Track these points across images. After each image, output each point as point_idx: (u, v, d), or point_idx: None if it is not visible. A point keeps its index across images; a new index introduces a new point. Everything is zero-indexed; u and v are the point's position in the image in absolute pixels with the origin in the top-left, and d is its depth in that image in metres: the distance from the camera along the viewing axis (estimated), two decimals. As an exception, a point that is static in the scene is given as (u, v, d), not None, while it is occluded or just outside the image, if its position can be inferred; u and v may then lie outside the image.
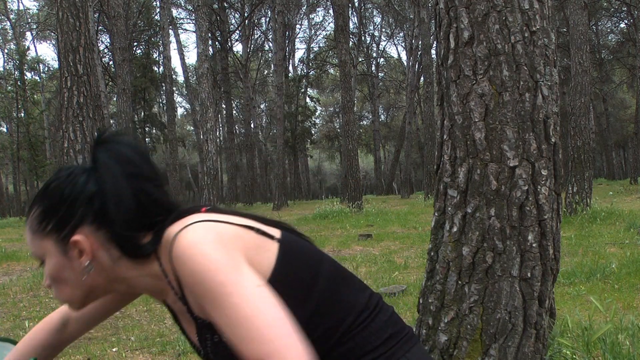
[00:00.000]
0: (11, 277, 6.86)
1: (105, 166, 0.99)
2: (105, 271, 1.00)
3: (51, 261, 1.00)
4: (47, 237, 0.99)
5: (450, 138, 1.34)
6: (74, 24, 6.70)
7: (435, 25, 1.43)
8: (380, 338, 1.01)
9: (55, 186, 1.01)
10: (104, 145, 1.02)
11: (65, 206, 0.98)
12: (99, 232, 0.98)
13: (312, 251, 1.04)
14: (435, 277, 1.36)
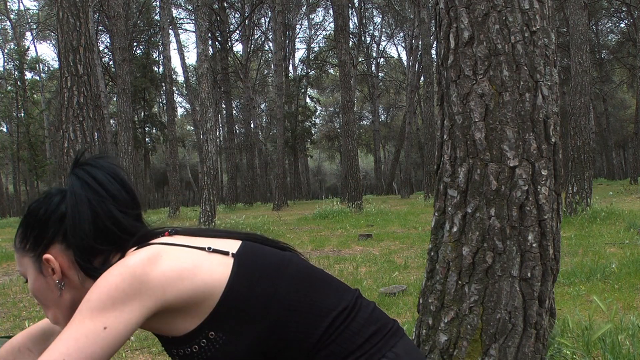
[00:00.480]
0: (11, 277, 6.86)
1: (72, 190, 1.03)
2: (77, 289, 1.03)
3: (31, 279, 1.05)
4: (26, 254, 1.04)
5: (450, 138, 1.34)
6: (74, 24, 6.70)
7: (435, 25, 1.43)
8: (363, 336, 1.01)
9: (34, 207, 1.06)
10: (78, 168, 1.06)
11: (39, 225, 1.03)
12: (68, 251, 1.02)
13: (273, 259, 1.03)
14: (435, 277, 1.36)
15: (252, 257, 1.01)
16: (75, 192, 1.03)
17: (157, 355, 3.47)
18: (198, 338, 0.97)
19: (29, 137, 26.92)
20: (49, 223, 1.03)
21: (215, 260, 0.98)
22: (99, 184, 1.04)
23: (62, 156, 6.91)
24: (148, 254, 0.94)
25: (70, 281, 1.02)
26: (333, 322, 1.00)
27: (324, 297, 1.02)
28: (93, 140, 6.96)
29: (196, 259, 0.97)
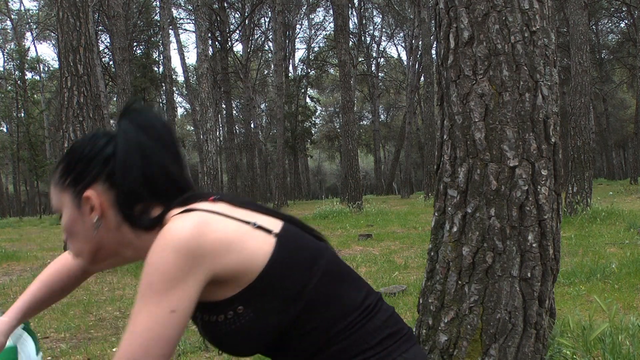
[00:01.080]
0: (11, 277, 6.86)
1: (124, 132, 1.04)
2: (112, 232, 1.04)
3: (66, 214, 1.06)
4: (65, 190, 1.05)
5: (450, 138, 1.34)
6: (74, 24, 6.70)
7: (435, 25, 1.43)
8: (376, 338, 1.01)
9: (78, 145, 1.07)
10: (129, 114, 1.06)
11: (82, 163, 1.04)
12: (110, 192, 1.03)
13: (311, 247, 1.04)
14: (435, 277, 1.36)
15: (293, 241, 1.02)
16: (128, 135, 1.03)
17: (157, 355, 3.47)
18: (226, 309, 0.98)
19: (29, 137, 26.92)
20: (93, 162, 1.03)
21: (260, 237, 0.98)
22: (153, 130, 1.05)
23: (62, 156, 6.91)
24: (195, 222, 0.93)
25: (106, 222, 1.03)
26: (352, 318, 1.01)
27: (350, 293, 1.03)
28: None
29: (242, 233, 0.97)
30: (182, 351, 3.43)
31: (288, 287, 0.97)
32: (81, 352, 3.58)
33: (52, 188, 1.08)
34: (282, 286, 0.97)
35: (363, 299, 1.04)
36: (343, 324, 1.00)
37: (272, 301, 0.97)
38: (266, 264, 0.96)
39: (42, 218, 24.32)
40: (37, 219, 24.09)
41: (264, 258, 0.96)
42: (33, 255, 8.91)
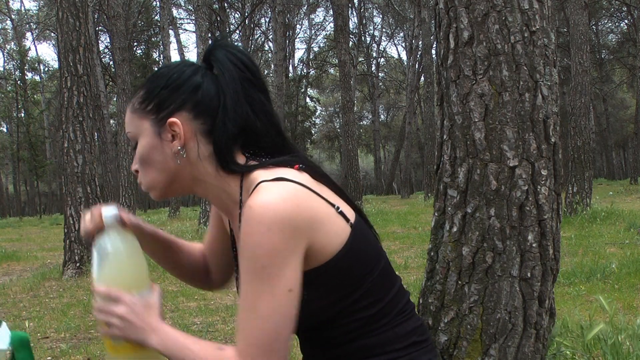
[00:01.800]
0: (11, 277, 6.86)
1: (224, 66, 1.00)
2: (190, 164, 1.01)
3: (144, 141, 1.01)
4: (145, 116, 1.01)
5: (450, 138, 1.34)
6: (74, 24, 6.70)
7: (435, 25, 1.43)
8: (402, 343, 1.02)
9: (164, 71, 1.03)
10: (223, 48, 1.02)
11: (168, 90, 1.00)
12: (195, 122, 0.99)
13: (374, 245, 1.05)
14: (435, 277, 1.36)
15: (363, 235, 1.02)
16: (229, 69, 1.00)
17: (157, 355, 3.46)
18: None
19: (29, 137, 26.91)
20: (181, 89, 0.99)
21: (339, 223, 0.97)
22: (247, 66, 1.01)
23: (62, 156, 6.91)
24: (289, 195, 0.91)
25: (187, 152, 1.00)
26: (388, 319, 1.02)
27: (395, 296, 1.05)
28: (93, 140, 6.96)
29: (328, 215, 0.96)
30: (182, 351, 3.42)
31: (349, 279, 0.98)
32: (81, 352, 3.58)
33: (129, 114, 1.03)
34: (344, 278, 0.97)
35: (404, 305, 1.06)
36: (377, 324, 1.01)
37: (328, 290, 0.97)
38: (339, 251, 0.96)
39: (42, 218, 24.32)
40: (37, 219, 24.09)
41: (338, 245, 0.96)
42: (33, 255, 8.91)
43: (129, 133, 1.04)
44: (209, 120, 1.00)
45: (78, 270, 6.53)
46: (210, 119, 0.99)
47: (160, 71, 1.04)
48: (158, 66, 31.09)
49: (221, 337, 3.80)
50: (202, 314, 4.45)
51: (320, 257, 0.95)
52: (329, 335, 1.02)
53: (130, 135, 1.04)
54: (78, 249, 6.62)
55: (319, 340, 1.04)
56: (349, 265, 0.97)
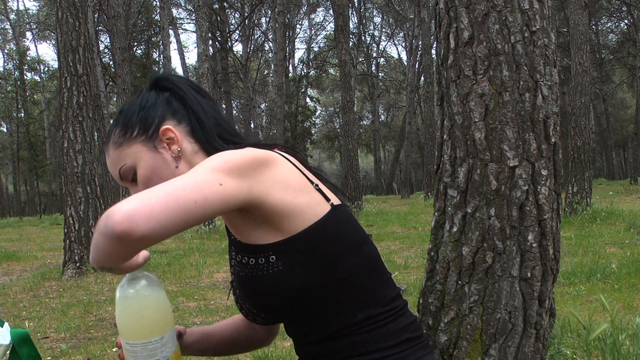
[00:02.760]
0: (11, 277, 6.86)
1: (175, 82, 1.12)
2: (188, 163, 1.06)
3: (144, 162, 1.06)
4: (134, 142, 1.06)
5: (450, 138, 1.34)
6: (74, 24, 6.70)
7: (435, 25, 1.43)
8: (396, 339, 1.02)
9: (129, 105, 1.11)
10: (166, 76, 1.14)
11: (145, 110, 1.08)
12: (179, 126, 1.08)
13: (361, 232, 1.07)
14: (435, 277, 1.36)
15: (345, 218, 1.04)
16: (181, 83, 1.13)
17: (157, 355, 3.46)
18: (259, 254, 0.99)
19: (29, 137, 26.90)
20: (156, 106, 1.09)
21: (317, 199, 1.01)
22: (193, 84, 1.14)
23: (62, 156, 6.90)
24: (265, 153, 0.98)
25: (184, 152, 1.07)
26: (377, 315, 1.02)
27: (380, 289, 1.05)
28: (93, 140, 6.96)
29: (303, 185, 1.00)
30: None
31: (324, 254, 0.99)
32: (81, 352, 3.58)
33: (114, 152, 1.08)
34: (319, 252, 0.98)
35: (391, 300, 1.06)
36: (363, 316, 1.01)
37: (304, 262, 0.98)
38: (313, 223, 0.98)
39: (42, 218, 24.32)
40: (37, 219, 24.08)
41: (313, 217, 0.98)
42: (33, 255, 8.91)
43: (123, 167, 1.07)
44: (188, 123, 1.09)
45: (78, 270, 6.53)
46: (189, 122, 1.09)
47: (125, 107, 1.12)
48: (158, 66, 31.16)
49: (221, 337, 3.80)
50: (202, 314, 4.45)
51: (293, 224, 0.97)
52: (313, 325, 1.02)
53: (124, 168, 1.07)
54: (78, 249, 6.62)
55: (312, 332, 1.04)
56: (324, 241, 0.98)
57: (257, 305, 1.04)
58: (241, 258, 1.02)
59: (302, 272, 0.98)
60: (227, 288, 5.54)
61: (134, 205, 0.80)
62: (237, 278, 1.06)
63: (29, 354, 1.14)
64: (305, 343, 1.07)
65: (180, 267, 6.92)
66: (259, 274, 0.99)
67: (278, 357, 3.25)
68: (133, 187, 1.07)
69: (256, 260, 0.99)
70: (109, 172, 1.15)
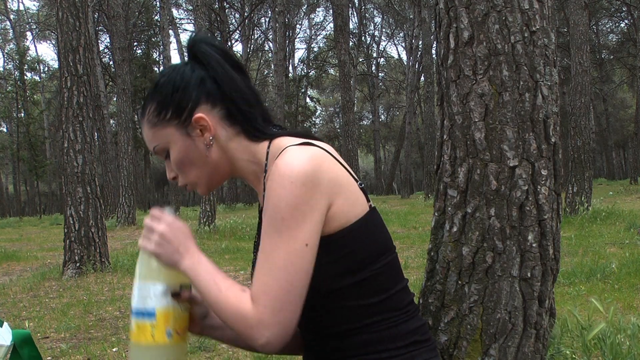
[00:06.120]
0: (11, 277, 6.86)
1: (211, 56, 1.07)
2: (223, 150, 1.07)
3: (176, 146, 1.06)
4: (168, 124, 1.06)
5: (450, 138, 1.34)
6: (74, 24, 6.70)
7: (435, 25, 1.43)
8: (404, 341, 1.03)
9: (164, 81, 1.08)
10: (203, 41, 1.09)
11: (179, 93, 1.05)
12: (214, 110, 1.06)
13: (388, 237, 1.08)
14: (435, 277, 1.36)
15: (377, 224, 1.05)
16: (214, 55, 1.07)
17: (157, 355, 3.46)
18: None
19: (29, 137, 26.91)
20: (189, 87, 1.05)
21: (360, 198, 1.01)
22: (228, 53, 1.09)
23: (62, 156, 6.90)
24: (312, 156, 0.95)
25: (217, 139, 1.06)
26: (390, 318, 1.03)
27: (399, 294, 1.06)
28: (93, 140, 6.96)
29: (348, 183, 1.00)
30: (182, 351, 3.42)
31: (353, 258, 0.99)
32: (81, 352, 3.58)
33: (149, 130, 1.08)
34: (350, 253, 0.99)
35: (406, 305, 1.07)
36: (378, 318, 1.02)
37: (333, 263, 0.99)
38: (352, 223, 0.98)
39: (42, 218, 24.32)
40: (37, 219, 24.09)
41: (353, 217, 0.99)
42: (33, 255, 8.91)
43: (157, 147, 1.08)
44: (223, 106, 1.06)
45: (78, 270, 6.53)
46: (224, 104, 1.06)
47: (161, 81, 1.09)
48: (158, 66, 31.17)
49: (221, 337, 3.80)
50: (202, 314, 4.45)
51: (333, 223, 0.97)
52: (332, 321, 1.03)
53: (158, 148, 1.08)
54: (78, 249, 6.62)
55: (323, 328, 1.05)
56: (356, 243, 0.99)
57: None
58: None
59: (330, 272, 0.99)
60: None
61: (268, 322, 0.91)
62: None
63: (30, 354, 1.15)
64: (313, 338, 1.08)
65: (180, 267, 6.90)
66: None
67: (278, 356, 3.24)
68: (167, 163, 1.09)
69: None
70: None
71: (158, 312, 1.02)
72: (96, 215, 6.75)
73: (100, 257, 6.75)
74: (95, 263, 6.67)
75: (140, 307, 1.03)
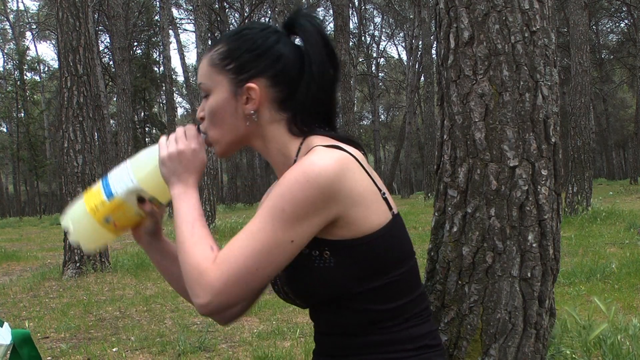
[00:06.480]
0: (11, 277, 6.86)
1: (312, 36, 1.04)
2: (258, 127, 1.05)
3: (218, 96, 1.05)
4: (224, 73, 1.04)
5: (450, 138, 1.34)
6: (74, 24, 6.70)
7: (435, 25, 1.43)
8: (414, 344, 1.03)
9: (248, 34, 1.05)
10: (308, 18, 1.06)
11: (252, 54, 1.03)
12: (271, 89, 1.03)
13: (409, 245, 1.07)
14: (435, 277, 1.36)
15: (400, 231, 1.04)
16: (317, 40, 1.04)
17: (157, 355, 3.47)
18: (315, 247, 0.98)
19: (29, 137, 26.90)
20: (263, 56, 1.03)
21: (382, 207, 1.00)
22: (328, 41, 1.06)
23: (62, 156, 6.91)
24: (340, 163, 0.94)
25: (259, 116, 1.04)
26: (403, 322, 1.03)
27: (416, 299, 1.06)
28: (93, 140, 6.96)
29: (373, 194, 0.99)
30: (182, 351, 3.43)
31: (376, 263, 0.99)
32: (81, 352, 3.58)
33: (207, 66, 1.06)
34: (373, 259, 0.99)
35: (422, 309, 1.07)
36: (392, 322, 1.02)
37: (356, 266, 0.98)
38: (374, 232, 0.97)
39: (42, 218, 24.32)
40: (37, 219, 24.08)
41: (376, 226, 0.98)
42: (33, 255, 8.91)
43: (203, 84, 1.07)
44: (285, 89, 1.03)
45: (78, 270, 6.53)
46: (287, 88, 1.03)
47: (244, 32, 1.07)
48: (158, 66, 31.17)
49: (221, 337, 3.80)
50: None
51: (354, 230, 0.96)
52: (346, 322, 1.03)
53: (203, 86, 1.07)
54: (78, 249, 6.62)
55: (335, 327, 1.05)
56: (380, 250, 0.99)
57: (296, 292, 1.04)
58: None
59: (351, 275, 0.98)
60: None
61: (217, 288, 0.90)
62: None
63: (29, 354, 1.14)
64: (327, 333, 1.08)
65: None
66: (310, 266, 0.99)
67: (278, 357, 3.24)
68: (203, 102, 1.08)
69: (310, 251, 0.98)
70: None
71: (115, 198, 1.05)
72: (96, 215, 6.74)
73: (100, 257, 6.75)
74: (95, 263, 6.68)
75: (109, 182, 1.06)
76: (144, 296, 5.22)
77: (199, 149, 1.04)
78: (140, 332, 4.01)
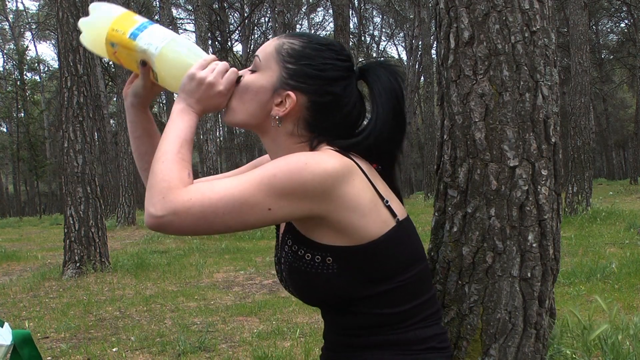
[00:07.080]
0: (11, 277, 6.86)
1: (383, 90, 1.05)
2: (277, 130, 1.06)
3: (261, 79, 1.06)
4: (281, 66, 1.05)
5: (450, 138, 1.34)
6: (74, 24, 6.69)
7: (436, 25, 1.43)
8: (420, 346, 1.04)
9: (324, 54, 1.06)
10: (390, 72, 1.07)
11: (312, 71, 1.04)
12: (306, 110, 1.04)
13: (418, 248, 1.07)
14: (436, 277, 1.36)
15: (407, 234, 1.04)
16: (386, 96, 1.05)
17: (157, 355, 3.47)
18: (318, 252, 0.99)
19: (29, 137, 26.90)
20: (317, 80, 1.04)
21: (384, 215, 1.00)
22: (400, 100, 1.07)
23: (62, 156, 6.90)
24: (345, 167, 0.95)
25: (283, 123, 1.05)
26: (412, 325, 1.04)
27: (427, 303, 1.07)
28: (93, 140, 6.96)
29: (373, 204, 0.99)
30: (182, 351, 3.43)
31: (380, 269, 1.00)
32: (81, 352, 3.58)
33: (274, 50, 1.07)
34: (377, 266, 0.99)
35: (432, 313, 1.08)
36: (400, 325, 1.03)
37: (359, 272, 0.99)
38: (374, 240, 0.98)
39: (42, 218, 24.32)
40: (37, 219, 24.09)
41: (375, 234, 0.98)
42: (33, 255, 8.91)
43: (258, 59, 1.08)
44: (318, 117, 1.05)
45: (78, 270, 6.53)
46: (320, 117, 1.05)
47: (321, 44, 1.07)
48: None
49: (221, 337, 3.80)
50: (202, 314, 4.45)
51: (356, 238, 0.97)
52: (352, 324, 1.04)
53: (256, 60, 1.08)
54: (78, 249, 6.62)
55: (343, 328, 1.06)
56: (383, 257, 0.99)
57: (301, 295, 1.06)
58: (297, 249, 1.02)
59: (355, 281, 0.99)
60: (226, 288, 5.54)
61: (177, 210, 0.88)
62: (288, 267, 1.05)
63: (30, 354, 1.15)
64: (335, 332, 1.09)
65: (180, 267, 6.92)
66: (313, 271, 0.99)
67: (278, 357, 3.24)
68: (246, 72, 1.09)
69: (312, 256, 0.99)
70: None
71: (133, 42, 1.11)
72: (96, 215, 6.75)
73: (100, 257, 6.75)
74: (95, 263, 6.67)
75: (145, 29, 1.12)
76: (144, 296, 5.22)
77: (224, 96, 1.05)
78: (140, 332, 4.01)
